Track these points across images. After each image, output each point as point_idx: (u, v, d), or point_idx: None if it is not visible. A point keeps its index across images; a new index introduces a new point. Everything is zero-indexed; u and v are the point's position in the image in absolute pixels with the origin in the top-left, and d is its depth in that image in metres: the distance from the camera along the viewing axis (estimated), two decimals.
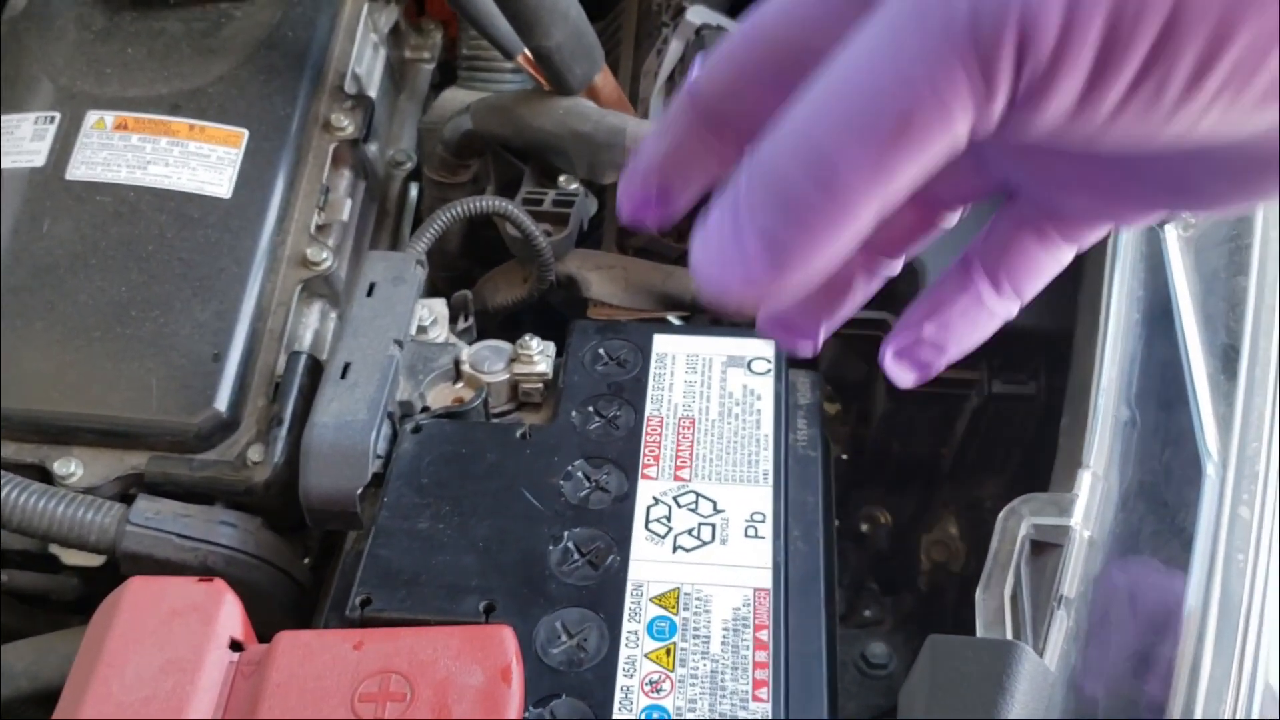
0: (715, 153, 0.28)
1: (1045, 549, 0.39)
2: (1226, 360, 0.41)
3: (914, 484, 0.68)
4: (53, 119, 0.63)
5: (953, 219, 0.31)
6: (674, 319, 0.67)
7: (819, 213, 0.21)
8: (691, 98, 0.27)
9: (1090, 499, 0.39)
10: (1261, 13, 0.18)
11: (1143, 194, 0.26)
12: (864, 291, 0.31)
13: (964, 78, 0.19)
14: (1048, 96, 0.19)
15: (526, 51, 0.62)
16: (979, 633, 0.37)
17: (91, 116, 0.62)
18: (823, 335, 0.32)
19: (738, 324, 0.68)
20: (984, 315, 0.30)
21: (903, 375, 0.31)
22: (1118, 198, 0.27)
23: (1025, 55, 0.19)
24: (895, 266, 0.31)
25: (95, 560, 0.57)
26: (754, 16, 0.26)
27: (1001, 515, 0.40)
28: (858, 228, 0.21)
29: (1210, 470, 0.39)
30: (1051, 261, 0.29)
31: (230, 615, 0.44)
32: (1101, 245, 0.47)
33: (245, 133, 0.63)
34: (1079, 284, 0.49)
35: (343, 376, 0.52)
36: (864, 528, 0.69)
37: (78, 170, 0.61)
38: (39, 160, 0.61)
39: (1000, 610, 0.37)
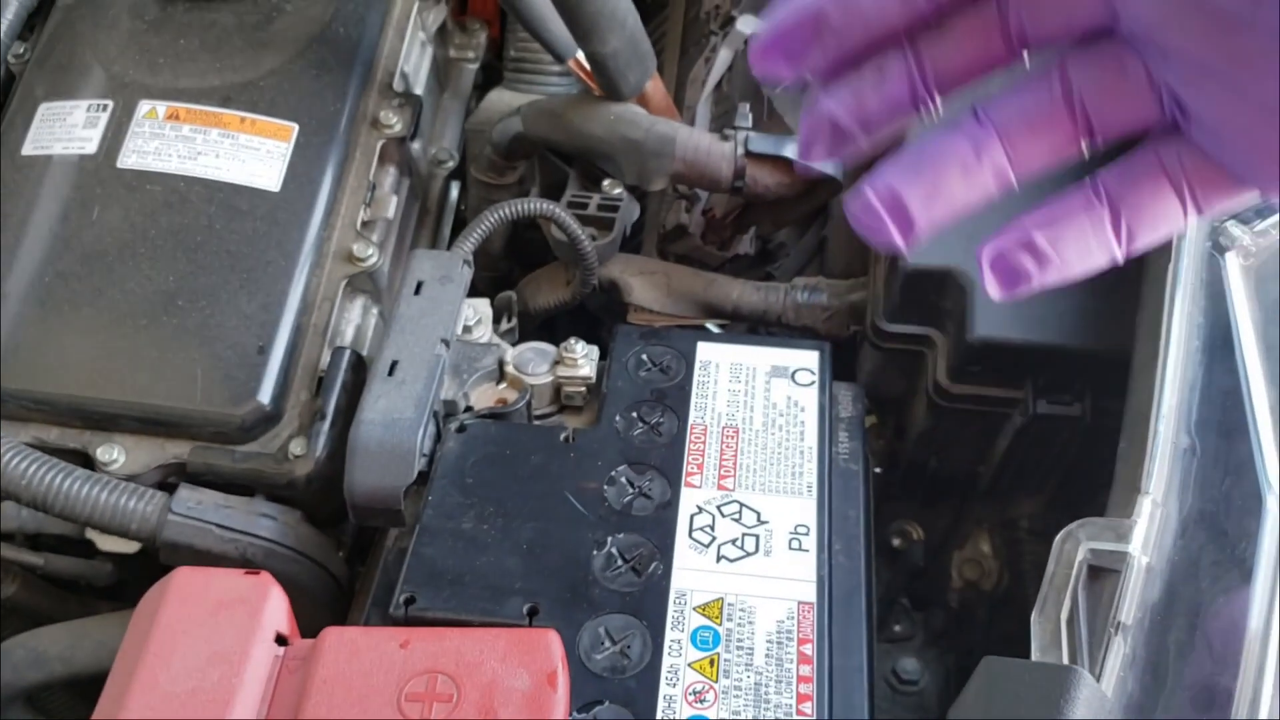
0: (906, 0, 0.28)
1: (1102, 574, 0.39)
2: None
3: (948, 500, 0.67)
4: (105, 107, 0.63)
5: (1024, 62, 0.30)
6: (712, 327, 0.67)
7: None
8: None
9: (1149, 526, 0.39)
10: None
11: None
12: (901, 121, 0.30)
13: None
14: None
15: (579, 55, 0.62)
16: (1034, 656, 0.37)
17: (144, 106, 0.63)
18: (860, 144, 0.31)
19: (774, 334, 0.68)
20: (1095, 245, 0.29)
21: (993, 282, 0.30)
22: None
23: None
24: (940, 104, 0.30)
25: (130, 547, 0.57)
26: None
27: (1058, 539, 0.40)
28: None
29: (1271, 502, 0.39)
30: (1173, 219, 0.29)
31: (276, 609, 0.44)
32: (1162, 271, 0.46)
33: (295, 127, 0.63)
34: (1135, 308, 0.48)
35: (390, 374, 0.52)
36: (896, 542, 0.69)
37: (129, 159, 0.61)
38: (90, 147, 0.61)
39: (1056, 634, 0.37)
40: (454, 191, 0.77)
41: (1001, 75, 0.30)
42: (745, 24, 0.68)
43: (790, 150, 0.62)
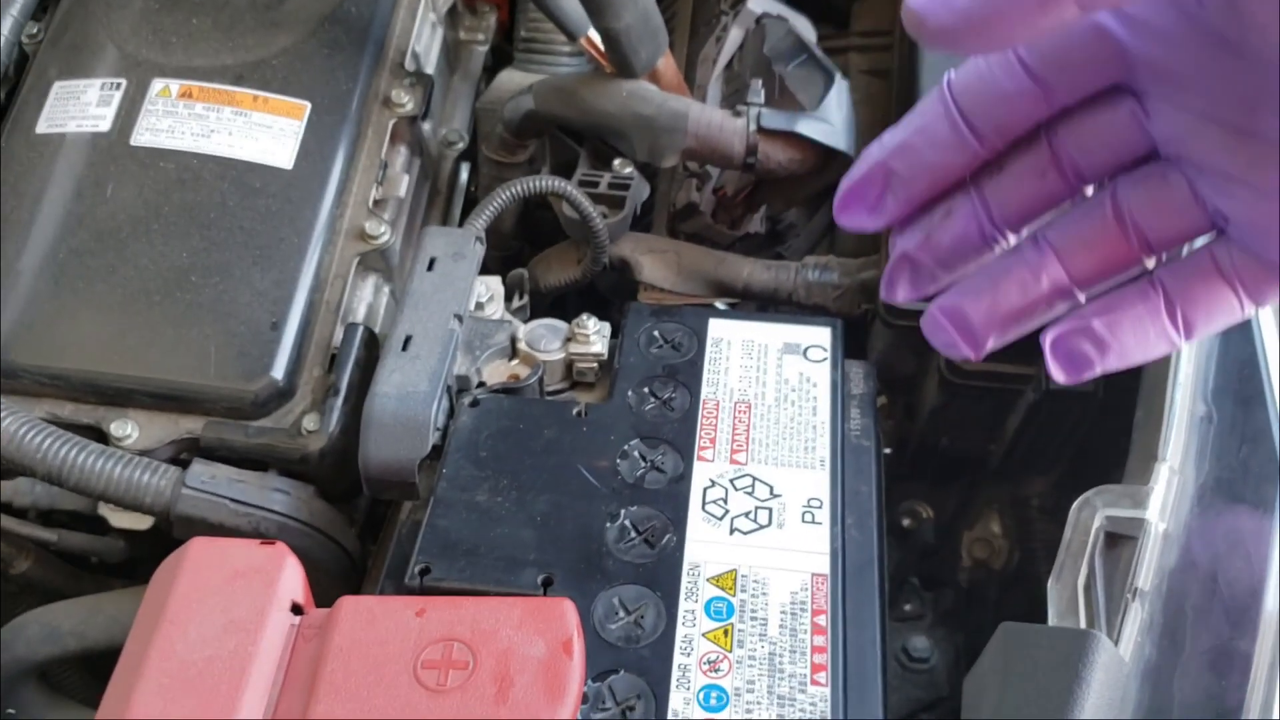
0: (961, 145, 0.30)
1: (1119, 541, 0.39)
2: None
3: (958, 480, 0.67)
4: (118, 85, 0.63)
5: (1088, 191, 0.31)
6: (721, 305, 0.67)
7: None
8: (950, 96, 0.31)
9: (1166, 493, 0.39)
10: None
11: None
12: (979, 257, 0.33)
13: None
14: None
15: (590, 33, 0.62)
16: (1052, 622, 0.37)
17: (157, 84, 0.63)
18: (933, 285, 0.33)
19: (786, 312, 0.68)
20: (1153, 333, 0.31)
21: (1057, 366, 0.32)
22: None
23: None
24: (1013, 239, 0.32)
25: (143, 523, 0.57)
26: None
27: (1075, 506, 0.40)
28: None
29: None
30: (1229, 312, 0.31)
31: (291, 579, 0.44)
32: None
33: (307, 105, 0.63)
34: None
35: (404, 349, 0.52)
36: (906, 522, 0.69)
37: (142, 136, 0.61)
38: (104, 125, 0.62)
39: (1073, 600, 0.37)
40: (464, 173, 0.77)
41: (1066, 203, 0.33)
42: (756, 3, 0.68)
43: (803, 126, 0.61)
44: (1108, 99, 0.30)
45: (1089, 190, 0.32)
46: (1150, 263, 0.32)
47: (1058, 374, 0.32)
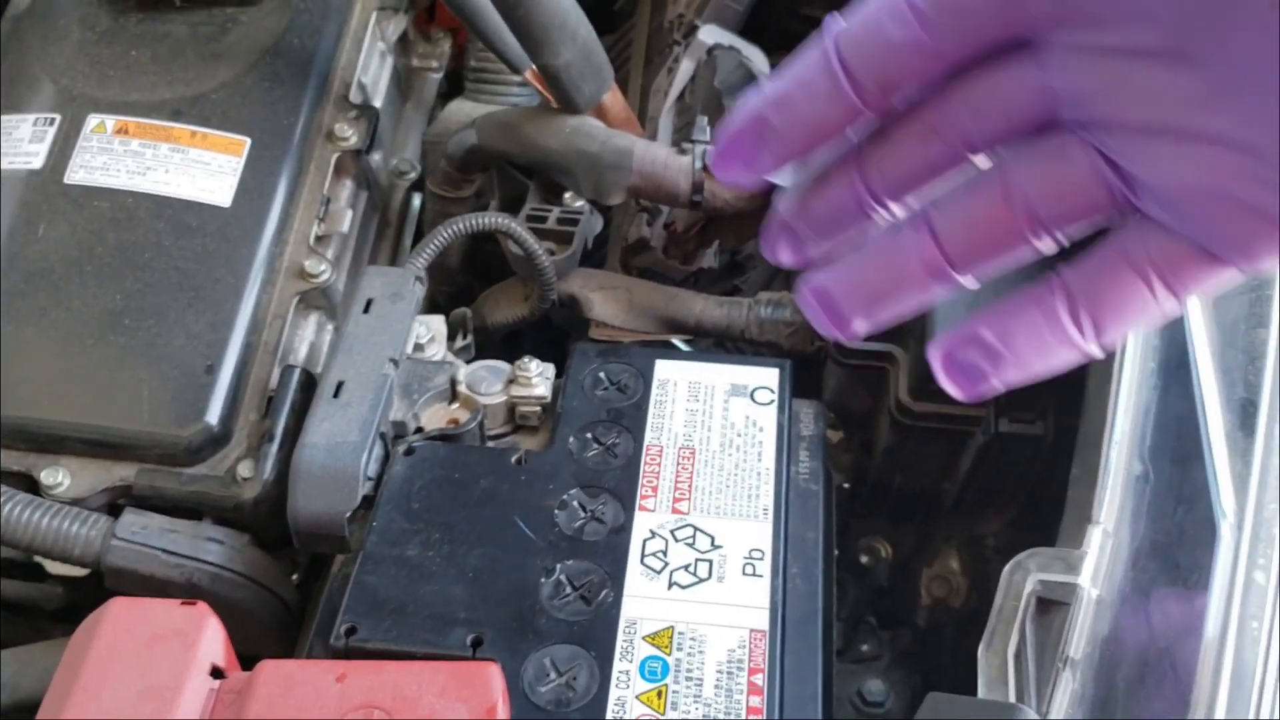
0: (840, 99, 0.28)
1: (1052, 606, 0.38)
2: (1244, 415, 0.40)
3: (915, 517, 0.66)
4: (53, 121, 0.62)
5: (979, 162, 0.29)
6: (678, 342, 0.66)
7: None
8: (834, 45, 0.28)
9: (1100, 557, 0.38)
10: None
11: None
12: (858, 229, 0.30)
13: None
14: None
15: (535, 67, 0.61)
16: (981, 692, 0.36)
17: (92, 120, 0.61)
18: (811, 251, 0.31)
19: (743, 350, 0.67)
20: (1052, 340, 0.28)
21: (949, 381, 0.29)
22: (1252, 221, 0.25)
23: None
24: (895, 210, 0.30)
25: (80, 570, 0.56)
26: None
27: (1007, 569, 0.39)
28: None
29: (1225, 531, 0.38)
30: (1143, 307, 0.28)
31: (212, 641, 0.43)
32: None
33: (247, 141, 0.62)
34: None
35: (335, 395, 0.51)
36: (864, 559, 0.68)
37: (76, 174, 0.60)
38: (37, 162, 0.60)
39: (1003, 669, 0.36)
40: (415, 202, 0.75)
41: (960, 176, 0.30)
42: (708, 34, 0.67)
43: None
44: (1006, 57, 0.27)
45: (980, 160, 0.29)
46: (1044, 245, 0.28)
47: (952, 390, 0.29)
